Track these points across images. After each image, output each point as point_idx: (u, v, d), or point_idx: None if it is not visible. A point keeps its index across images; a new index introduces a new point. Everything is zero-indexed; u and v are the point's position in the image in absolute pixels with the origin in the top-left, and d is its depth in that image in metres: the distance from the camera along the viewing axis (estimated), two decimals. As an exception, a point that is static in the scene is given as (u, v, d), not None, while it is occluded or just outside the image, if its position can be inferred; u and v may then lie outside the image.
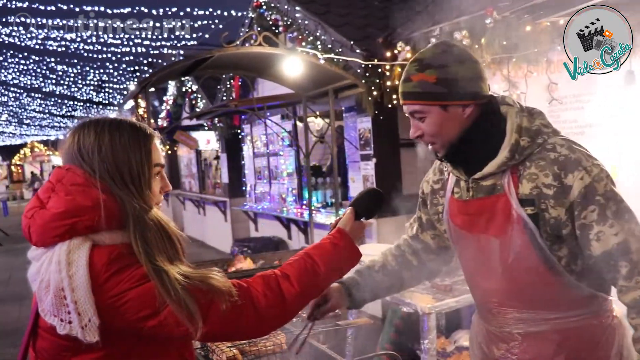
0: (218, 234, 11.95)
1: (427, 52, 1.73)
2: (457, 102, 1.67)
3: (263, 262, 5.15)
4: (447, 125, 1.70)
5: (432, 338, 3.50)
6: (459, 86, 1.65)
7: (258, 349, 2.35)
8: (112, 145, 1.41)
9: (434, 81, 1.65)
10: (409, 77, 1.70)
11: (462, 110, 1.68)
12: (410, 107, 1.73)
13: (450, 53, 1.68)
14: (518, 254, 1.69)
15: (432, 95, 1.66)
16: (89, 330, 1.29)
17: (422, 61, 1.69)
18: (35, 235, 1.37)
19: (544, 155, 1.65)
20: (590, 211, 1.58)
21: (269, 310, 1.46)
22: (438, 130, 1.71)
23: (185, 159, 14.73)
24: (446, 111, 1.68)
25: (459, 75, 1.65)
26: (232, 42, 5.37)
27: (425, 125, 1.72)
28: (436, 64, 1.66)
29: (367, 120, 6.47)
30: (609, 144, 3.73)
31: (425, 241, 2.11)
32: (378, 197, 1.82)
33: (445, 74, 1.65)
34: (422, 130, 1.74)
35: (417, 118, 1.73)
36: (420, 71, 1.67)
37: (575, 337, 1.73)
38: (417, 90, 1.68)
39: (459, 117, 1.69)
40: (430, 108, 1.68)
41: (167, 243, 1.42)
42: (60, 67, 19.20)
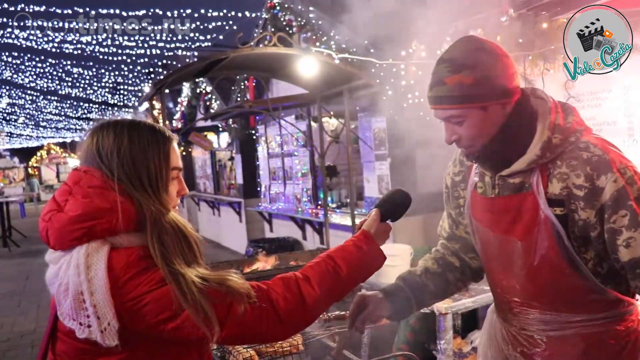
0: (233, 235, 11.99)
1: (457, 50, 1.61)
2: (497, 101, 1.58)
3: (278, 262, 5.15)
4: (487, 126, 1.61)
5: (448, 338, 3.48)
6: (498, 84, 1.57)
7: (275, 350, 2.36)
8: (131, 147, 1.41)
9: (471, 82, 1.55)
10: (441, 79, 1.59)
11: (502, 108, 1.61)
12: (446, 112, 1.62)
13: (482, 50, 1.59)
14: (543, 256, 1.63)
15: (471, 98, 1.56)
16: (108, 334, 1.29)
17: (454, 61, 1.58)
18: (53, 239, 1.37)
19: (577, 154, 1.56)
20: (621, 216, 1.50)
21: (288, 314, 1.43)
22: (478, 133, 1.62)
23: (199, 160, 14.81)
24: (486, 112, 1.59)
25: (496, 72, 1.57)
26: (246, 43, 5.38)
27: (464, 129, 1.62)
28: (471, 63, 1.56)
29: (381, 120, 6.46)
30: (627, 142, 3.69)
31: (461, 237, 2.01)
32: (405, 198, 1.74)
33: (483, 72, 1.55)
34: (458, 135, 1.64)
35: (453, 122, 1.63)
36: (455, 72, 1.56)
37: (600, 344, 1.65)
38: (455, 94, 1.56)
39: (498, 115, 1.61)
40: (469, 111, 1.59)
41: (184, 246, 1.41)
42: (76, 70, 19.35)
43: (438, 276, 1.99)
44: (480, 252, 1.90)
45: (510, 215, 1.68)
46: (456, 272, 2.02)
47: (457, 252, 2.04)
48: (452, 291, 2.07)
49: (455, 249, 2.04)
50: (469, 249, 2.01)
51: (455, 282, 2.02)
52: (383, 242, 1.66)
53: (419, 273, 1.99)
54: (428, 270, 2.00)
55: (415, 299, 1.93)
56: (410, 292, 1.92)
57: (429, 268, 2.00)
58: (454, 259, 2.03)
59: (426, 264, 2.02)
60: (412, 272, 2.00)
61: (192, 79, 9.09)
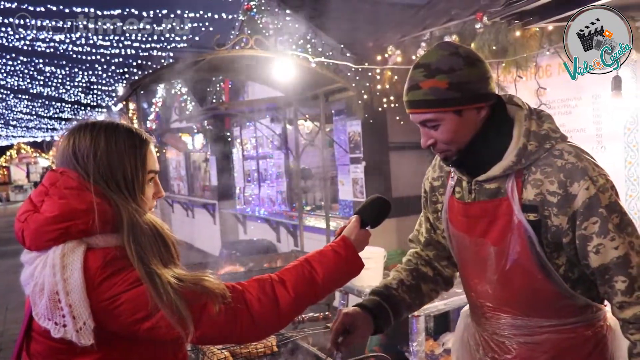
0: (207, 237, 11.93)
1: (432, 56, 1.62)
2: (471, 105, 1.60)
3: (252, 264, 5.15)
4: (462, 131, 1.62)
5: (420, 340, 3.52)
6: (472, 89, 1.58)
7: (249, 351, 2.36)
8: (108, 150, 1.41)
9: (446, 86, 1.56)
10: (416, 84, 1.60)
11: (477, 113, 1.62)
12: (421, 116, 1.63)
13: (458, 55, 1.59)
14: (515, 261, 1.65)
15: (446, 102, 1.58)
16: (83, 334, 1.29)
17: (429, 66, 1.59)
18: (29, 239, 1.36)
19: (551, 161, 1.58)
20: (592, 222, 1.52)
21: (262, 316, 1.44)
22: (453, 137, 1.62)
23: (174, 162, 14.70)
24: (461, 116, 1.60)
25: (470, 77, 1.58)
26: (223, 45, 5.37)
27: (439, 133, 1.63)
28: (446, 67, 1.57)
29: (356, 123, 6.50)
30: (595, 149, 3.78)
31: (438, 243, 2.01)
32: (384, 205, 1.75)
33: (457, 77, 1.57)
34: (434, 139, 1.65)
35: (429, 127, 1.64)
36: (430, 77, 1.58)
37: (569, 349, 1.69)
38: (429, 97, 1.58)
39: (473, 120, 1.62)
40: (444, 115, 1.60)
41: (161, 246, 1.41)
42: (49, 69, 19.12)
43: (413, 289, 1.98)
44: (456, 257, 1.92)
45: (486, 220, 1.70)
46: (430, 282, 2.01)
47: (430, 261, 2.04)
48: (425, 302, 2.05)
49: (429, 257, 2.04)
50: (442, 257, 2.02)
51: (428, 293, 2.02)
52: (362, 248, 1.67)
53: (395, 286, 1.96)
54: (403, 284, 1.98)
55: (393, 313, 1.91)
56: (389, 307, 1.91)
57: (404, 281, 1.99)
58: (427, 269, 2.03)
59: (400, 276, 2.00)
60: (389, 286, 1.97)
61: (168, 80, 9.03)
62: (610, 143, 3.76)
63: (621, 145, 3.69)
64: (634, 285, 1.51)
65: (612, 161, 3.65)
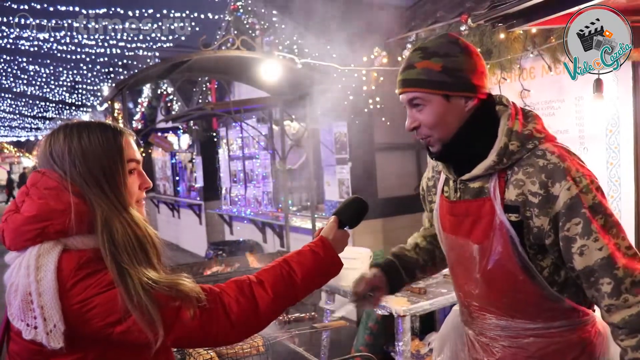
0: (193, 237, 11.88)
1: (432, 41, 1.67)
2: (460, 92, 1.62)
3: (239, 265, 5.15)
4: (447, 118, 1.63)
5: (406, 340, 3.54)
6: (464, 77, 1.60)
7: (235, 352, 2.36)
8: (82, 146, 1.40)
9: (439, 69, 1.59)
10: (412, 64, 1.64)
11: (465, 102, 1.63)
12: (410, 94, 1.65)
13: (457, 44, 1.63)
14: (497, 261, 1.65)
15: (436, 84, 1.60)
16: (53, 336, 1.27)
17: (427, 49, 1.63)
18: (8, 239, 1.36)
19: (533, 161, 1.58)
20: (575, 224, 1.51)
21: (240, 317, 1.43)
22: (437, 122, 1.64)
23: (159, 162, 14.62)
24: (448, 102, 1.62)
25: (464, 65, 1.61)
26: (209, 45, 5.37)
27: (424, 115, 1.64)
28: (442, 52, 1.61)
29: (343, 124, 6.51)
30: (578, 150, 3.83)
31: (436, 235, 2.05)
32: (362, 206, 1.76)
33: (452, 63, 1.60)
34: (419, 121, 1.66)
35: (415, 106, 1.66)
36: (425, 58, 1.61)
37: (554, 355, 1.68)
38: (421, 77, 1.61)
39: (459, 109, 1.64)
40: (432, 97, 1.62)
41: (136, 246, 1.39)
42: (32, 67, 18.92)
43: (427, 252, 2.09)
44: (446, 256, 1.95)
45: (470, 220, 1.71)
46: (440, 252, 2.06)
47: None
48: (438, 267, 2.14)
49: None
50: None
51: (442, 260, 2.06)
52: (341, 249, 1.67)
53: (409, 248, 2.08)
54: (418, 246, 2.09)
55: (405, 274, 2.03)
56: (402, 267, 2.02)
57: (419, 244, 2.10)
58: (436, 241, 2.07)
59: (416, 240, 2.12)
60: (403, 247, 2.09)
61: (155, 80, 9.00)
62: (593, 144, 3.81)
63: (603, 146, 3.74)
64: (620, 287, 1.49)
65: (594, 162, 3.70)
